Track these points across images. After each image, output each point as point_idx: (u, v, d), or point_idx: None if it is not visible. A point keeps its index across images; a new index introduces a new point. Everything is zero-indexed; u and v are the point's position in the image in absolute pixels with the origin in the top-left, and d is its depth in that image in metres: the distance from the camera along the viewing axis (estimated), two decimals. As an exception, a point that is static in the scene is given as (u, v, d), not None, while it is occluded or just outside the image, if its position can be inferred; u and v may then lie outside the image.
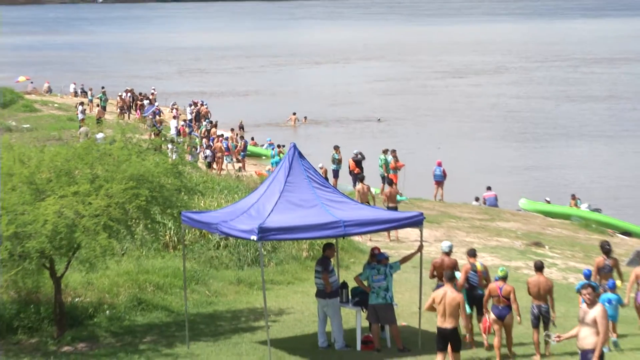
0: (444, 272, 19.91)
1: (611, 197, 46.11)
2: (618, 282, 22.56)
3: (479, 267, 21.57)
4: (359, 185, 37.61)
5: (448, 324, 18.45)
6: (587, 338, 16.12)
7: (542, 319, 20.46)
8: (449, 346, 18.57)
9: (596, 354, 15.97)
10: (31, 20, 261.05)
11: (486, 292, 20.50)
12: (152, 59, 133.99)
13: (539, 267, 20.95)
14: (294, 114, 74.40)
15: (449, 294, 18.50)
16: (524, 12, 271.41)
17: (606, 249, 23.43)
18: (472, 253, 21.89)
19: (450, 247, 22.40)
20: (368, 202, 32.33)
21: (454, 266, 21.57)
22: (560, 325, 20.94)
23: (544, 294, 20.52)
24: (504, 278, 20.38)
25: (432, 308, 18.75)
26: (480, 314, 21.23)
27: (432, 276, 22.08)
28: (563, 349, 19.36)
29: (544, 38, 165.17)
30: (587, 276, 22.31)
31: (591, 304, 16.39)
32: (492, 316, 20.30)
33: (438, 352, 18.81)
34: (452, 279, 19.07)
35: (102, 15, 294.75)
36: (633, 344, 21.28)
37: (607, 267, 22.80)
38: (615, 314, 21.48)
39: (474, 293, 21.23)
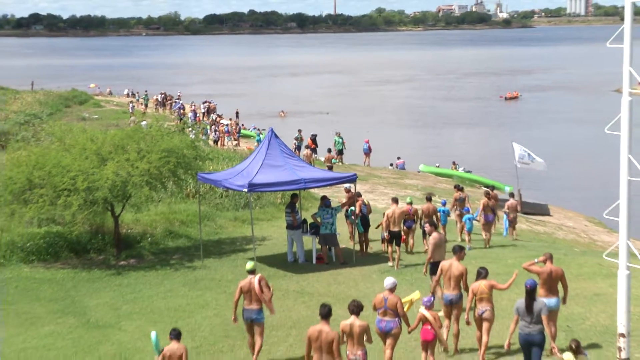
0: (393, 198, 21.73)
1: (478, 162, 46.35)
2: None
3: (366, 202, 22.54)
4: (305, 151, 39.01)
5: (396, 228, 20.07)
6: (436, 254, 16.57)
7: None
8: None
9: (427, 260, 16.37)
10: (100, 47, 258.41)
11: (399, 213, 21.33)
12: (180, 73, 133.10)
13: (429, 198, 22.32)
14: (282, 110, 74.05)
15: (397, 210, 20.22)
16: (425, 42, 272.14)
17: (459, 187, 24.67)
18: (359, 194, 22.60)
19: (349, 187, 22.96)
20: (310, 163, 32.31)
21: (352, 199, 22.50)
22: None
23: (431, 214, 21.36)
24: (410, 203, 21.76)
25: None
26: (366, 231, 21.98)
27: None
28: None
29: (437, 59, 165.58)
30: (444, 204, 23.66)
31: (429, 233, 16.70)
32: (405, 228, 21.22)
33: (389, 244, 20.30)
34: (397, 201, 20.85)
35: (147, 43, 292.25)
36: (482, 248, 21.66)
37: (461, 199, 23.67)
38: (471, 227, 22.87)
39: (365, 218, 21.92)
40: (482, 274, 13.50)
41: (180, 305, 17.54)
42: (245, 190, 19.73)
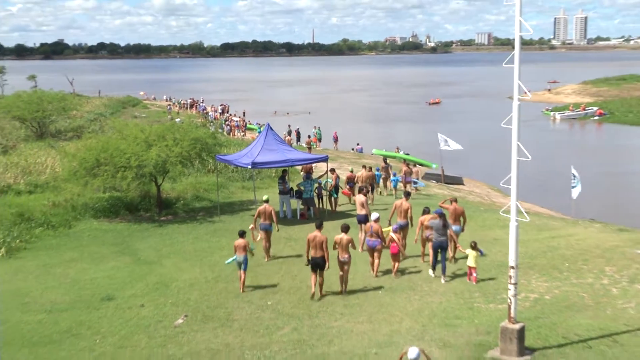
0: (363, 165, 22.73)
1: (414, 147, 46.14)
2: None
3: (338, 175, 22.70)
4: (288, 137, 38.86)
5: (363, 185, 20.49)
6: (360, 210, 17.00)
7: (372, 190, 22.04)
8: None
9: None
10: (147, 66, 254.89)
11: (359, 179, 21.65)
12: (205, 84, 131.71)
13: (370, 168, 22.69)
14: (288, 112, 73.06)
15: (364, 173, 21.17)
16: (377, 63, 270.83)
17: (385, 160, 25.26)
18: (332, 170, 22.34)
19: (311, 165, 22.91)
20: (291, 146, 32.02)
21: (308, 168, 22.70)
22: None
23: (372, 179, 21.99)
24: (352, 171, 22.57)
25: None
26: (337, 195, 21.82)
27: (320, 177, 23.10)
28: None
29: (385, 75, 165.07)
30: (378, 170, 24.42)
31: (364, 194, 17.25)
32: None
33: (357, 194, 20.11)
34: (364, 167, 21.60)
35: (180, 64, 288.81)
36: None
37: (388, 167, 24.64)
38: (395, 184, 24.05)
39: (337, 186, 21.85)
40: (426, 211, 15.12)
41: (203, 248, 17.46)
42: (250, 167, 19.65)
